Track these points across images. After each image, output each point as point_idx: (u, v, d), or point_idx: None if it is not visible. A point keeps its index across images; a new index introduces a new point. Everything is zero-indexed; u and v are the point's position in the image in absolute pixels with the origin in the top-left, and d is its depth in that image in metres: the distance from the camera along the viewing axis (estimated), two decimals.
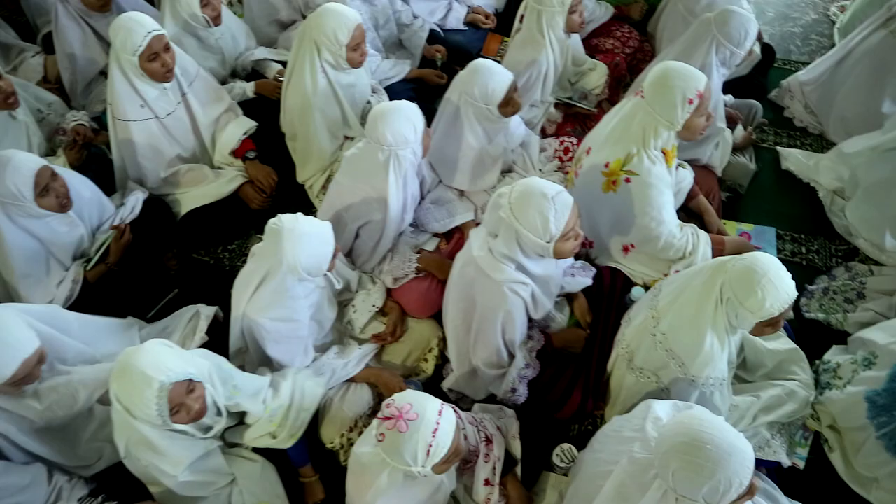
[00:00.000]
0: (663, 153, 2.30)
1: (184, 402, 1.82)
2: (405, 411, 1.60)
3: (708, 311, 1.94)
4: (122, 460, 2.15)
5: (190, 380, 1.84)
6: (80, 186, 2.56)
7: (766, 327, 1.92)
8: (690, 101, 2.20)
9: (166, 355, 1.84)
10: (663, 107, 2.22)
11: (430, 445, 1.59)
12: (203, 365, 1.92)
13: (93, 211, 2.64)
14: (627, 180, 2.31)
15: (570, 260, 2.35)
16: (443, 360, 2.51)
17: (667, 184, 2.35)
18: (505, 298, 2.04)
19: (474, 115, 2.55)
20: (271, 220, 2.09)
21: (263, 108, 3.22)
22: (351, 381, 2.33)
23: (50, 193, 2.36)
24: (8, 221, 2.35)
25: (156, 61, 2.64)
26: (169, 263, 2.87)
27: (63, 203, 2.41)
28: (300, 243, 2.02)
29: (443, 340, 2.48)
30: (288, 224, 2.03)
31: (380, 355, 2.46)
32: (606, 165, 2.34)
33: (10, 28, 3.75)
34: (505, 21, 3.84)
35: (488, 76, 2.48)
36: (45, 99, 3.21)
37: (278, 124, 3.13)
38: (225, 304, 2.57)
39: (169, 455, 1.91)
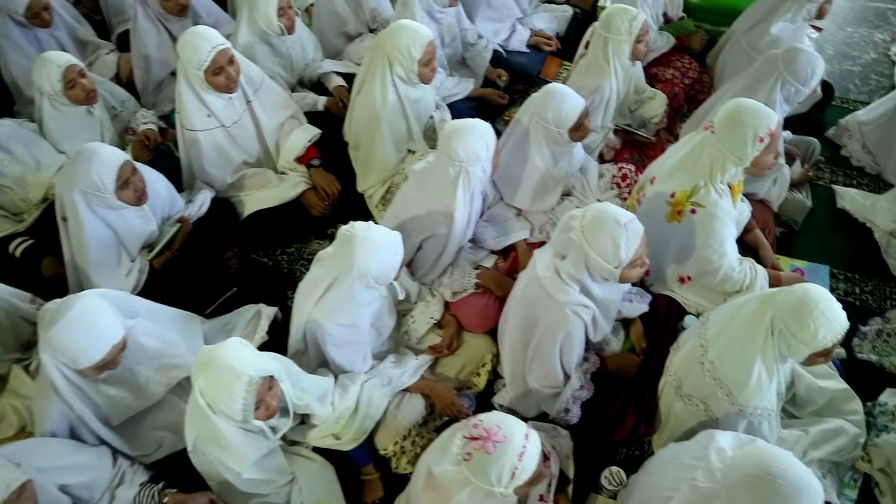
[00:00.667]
0: (729, 187, 2.32)
1: (264, 399, 1.88)
2: (493, 433, 1.62)
3: (757, 341, 1.96)
4: (181, 451, 2.24)
5: (272, 377, 1.91)
6: (157, 183, 2.67)
7: (818, 357, 1.94)
8: (761, 140, 2.23)
9: (249, 353, 1.91)
10: (733, 143, 2.25)
11: (516, 468, 1.61)
12: (275, 366, 1.98)
13: (165, 207, 2.74)
14: (693, 211, 2.34)
15: (628, 286, 2.37)
16: (494, 376, 2.55)
17: (731, 217, 2.37)
18: (567, 320, 2.07)
19: (544, 138, 2.61)
20: (343, 227, 2.15)
21: (326, 117, 3.32)
22: (405, 390, 2.37)
23: (129, 187, 2.46)
24: (87, 210, 2.45)
25: (220, 74, 2.74)
26: (229, 262, 2.95)
27: (140, 197, 2.51)
28: (372, 251, 2.07)
29: (496, 356, 2.53)
30: (361, 231, 2.09)
31: (434, 366, 2.50)
32: (672, 195, 2.37)
33: (88, 25, 3.90)
34: (564, 45, 3.92)
35: (562, 100, 2.53)
36: (119, 96, 3.34)
37: (340, 133, 3.22)
38: (280, 305, 2.67)
39: (236, 452, 1.96)
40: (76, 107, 2.98)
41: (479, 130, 2.34)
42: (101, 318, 2.02)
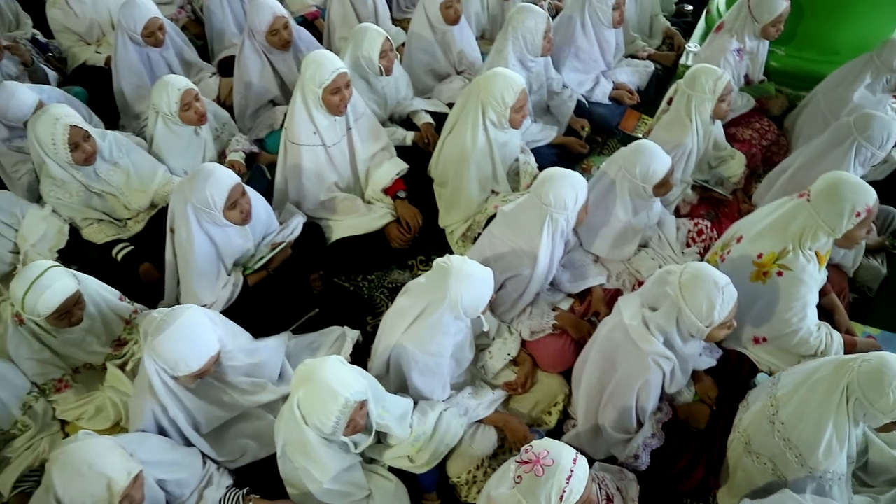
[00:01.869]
0: (816, 255, 2.37)
1: (354, 418, 1.99)
2: (542, 457, 1.69)
3: (830, 406, 1.99)
4: (263, 459, 2.38)
5: (365, 400, 2.02)
6: (260, 207, 2.84)
7: (894, 426, 1.95)
8: (858, 214, 2.28)
9: (348, 373, 2.02)
10: (829, 214, 2.30)
11: (564, 491, 1.66)
12: (366, 385, 2.08)
13: (263, 227, 2.91)
14: (779, 273, 2.38)
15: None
16: (565, 416, 2.62)
17: (816, 283, 2.42)
18: (648, 369, 2.15)
19: (628, 190, 2.71)
20: (440, 259, 2.27)
21: (412, 152, 3.48)
22: (480, 422, 2.46)
23: (236, 208, 2.64)
24: (196, 224, 2.62)
25: (336, 94, 2.93)
26: (314, 283, 3.08)
27: (244, 218, 2.68)
28: (466, 283, 2.18)
29: (568, 397, 2.60)
30: (457, 264, 2.21)
31: (507, 401, 2.58)
32: (759, 256, 2.42)
33: (193, 49, 4.18)
34: (644, 99, 4.05)
35: (650, 157, 2.64)
36: (221, 118, 3.59)
37: (425, 168, 3.37)
38: (358, 330, 2.78)
39: (320, 463, 2.06)
40: (186, 127, 3.22)
41: (573, 181, 2.44)
42: (202, 331, 2.18)
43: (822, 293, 2.77)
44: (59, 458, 1.83)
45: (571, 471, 1.69)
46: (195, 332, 2.14)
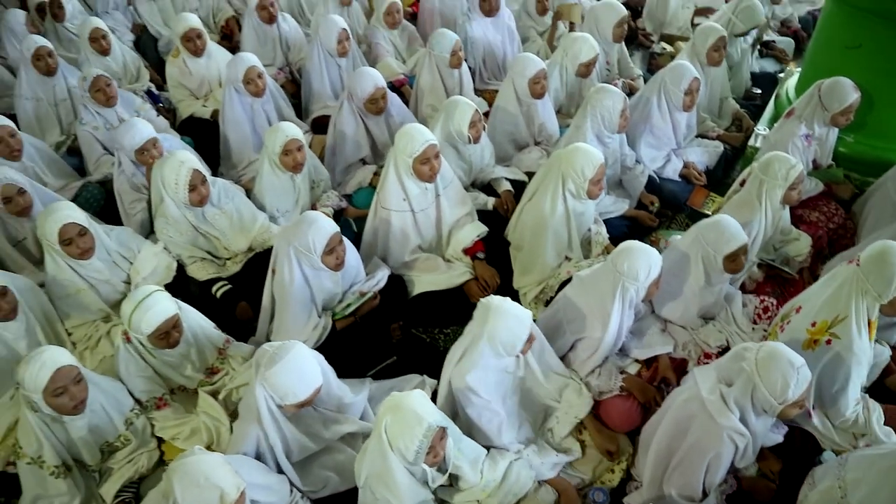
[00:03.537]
0: (868, 323, 2.46)
1: (435, 446, 2.16)
2: None
3: None
4: (342, 493, 2.55)
5: (445, 428, 2.20)
6: (351, 256, 3.08)
7: None
8: None
9: (430, 405, 2.22)
10: (877, 279, 2.41)
11: None
12: (445, 420, 2.26)
13: (351, 275, 3.16)
14: (828, 342, 2.48)
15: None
16: (628, 476, 2.71)
17: (866, 356, 2.50)
18: (721, 442, 2.23)
19: (702, 257, 2.85)
20: (483, 299, 2.50)
21: (491, 216, 3.71)
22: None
23: (333, 254, 2.88)
24: (297, 266, 2.88)
25: (426, 164, 3.20)
26: (393, 333, 3.28)
27: (338, 265, 2.93)
28: (502, 318, 2.40)
29: (632, 456, 2.70)
30: (497, 302, 2.44)
31: None
32: (813, 325, 2.53)
33: (291, 106, 4.56)
34: (712, 178, 4.22)
35: (727, 229, 2.80)
36: (322, 174, 3.91)
37: (502, 232, 3.59)
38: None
39: (400, 495, 2.20)
40: (286, 172, 3.53)
41: (648, 256, 2.61)
42: (309, 365, 2.40)
43: (888, 372, 2.84)
44: (179, 469, 2.03)
45: None
46: (302, 365, 2.36)
